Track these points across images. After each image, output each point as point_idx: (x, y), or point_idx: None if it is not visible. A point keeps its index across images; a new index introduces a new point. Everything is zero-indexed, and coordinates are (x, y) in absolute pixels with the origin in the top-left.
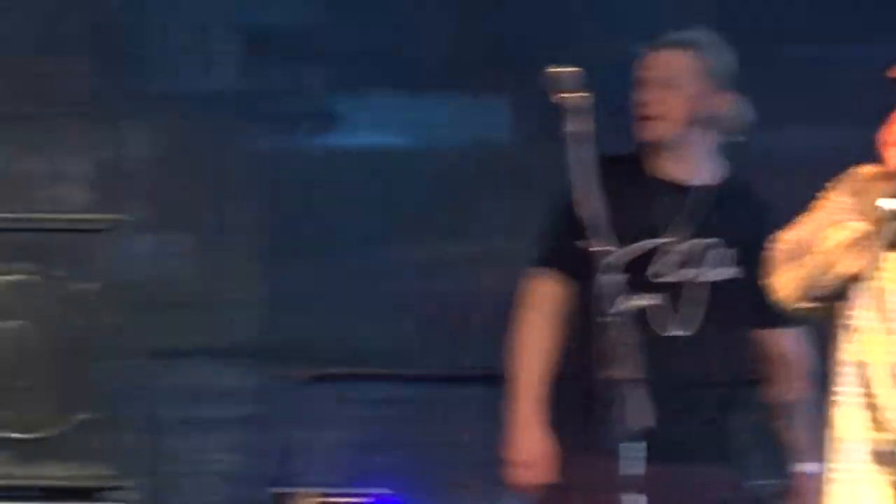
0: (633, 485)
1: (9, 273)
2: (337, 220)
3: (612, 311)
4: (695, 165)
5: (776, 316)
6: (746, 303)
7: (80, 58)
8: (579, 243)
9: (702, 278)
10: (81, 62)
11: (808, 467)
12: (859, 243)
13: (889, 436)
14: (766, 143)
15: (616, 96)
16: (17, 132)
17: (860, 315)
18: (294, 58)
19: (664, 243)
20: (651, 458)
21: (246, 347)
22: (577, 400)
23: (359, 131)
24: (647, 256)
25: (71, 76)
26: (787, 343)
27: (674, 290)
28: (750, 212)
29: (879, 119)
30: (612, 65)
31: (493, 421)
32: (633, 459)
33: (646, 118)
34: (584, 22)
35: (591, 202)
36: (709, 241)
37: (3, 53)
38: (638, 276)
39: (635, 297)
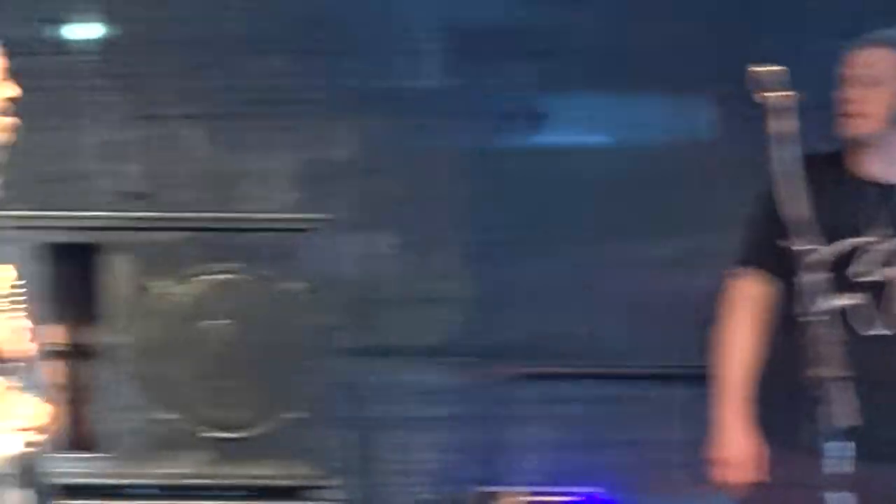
0: (840, 484)
1: (217, 273)
2: (544, 219)
3: (815, 310)
4: None
5: None
6: None
7: (286, 57)
8: (782, 242)
9: None
10: (288, 61)
11: None
12: None
13: None
14: None
15: (820, 94)
16: (227, 132)
17: None
18: (502, 56)
19: (866, 242)
20: (858, 457)
21: (452, 346)
22: (782, 399)
23: (565, 130)
24: (849, 255)
25: (278, 76)
26: None
27: (876, 290)
28: None
29: None
30: (817, 63)
31: (699, 420)
32: (839, 458)
33: (848, 116)
34: (790, 20)
35: (794, 201)
36: None
37: (215, 53)
38: (840, 275)
39: (837, 296)
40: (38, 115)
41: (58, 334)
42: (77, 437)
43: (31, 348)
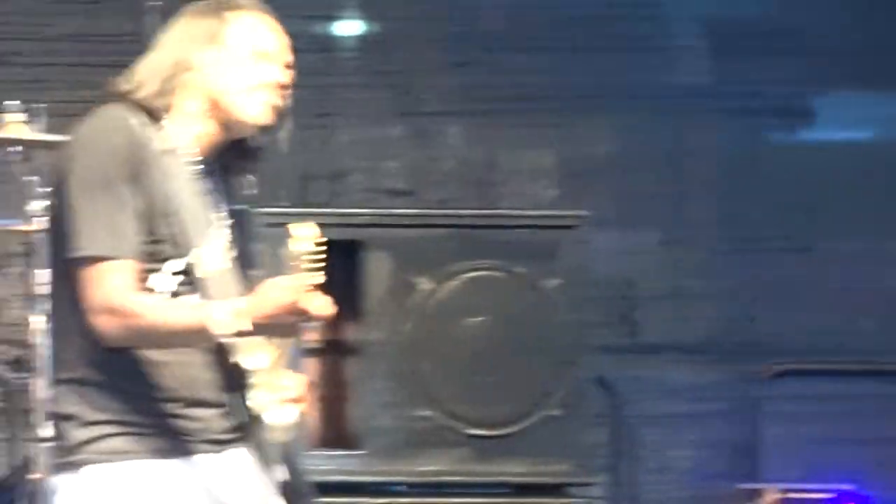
0: None
1: (476, 270)
2: (803, 216)
3: None
4: None
5: None
6: None
7: (546, 53)
8: None
9: None
10: (548, 58)
11: None
12: None
13: None
14: None
15: None
16: (487, 128)
17: None
18: (763, 53)
19: None
20: None
21: (710, 343)
22: None
23: (826, 127)
24: None
25: (539, 72)
26: None
27: None
28: None
29: None
30: None
31: None
32: None
33: None
34: None
35: None
36: None
37: (475, 50)
38: None
39: None
40: (299, 113)
41: (317, 331)
42: (334, 434)
43: (320, 313)
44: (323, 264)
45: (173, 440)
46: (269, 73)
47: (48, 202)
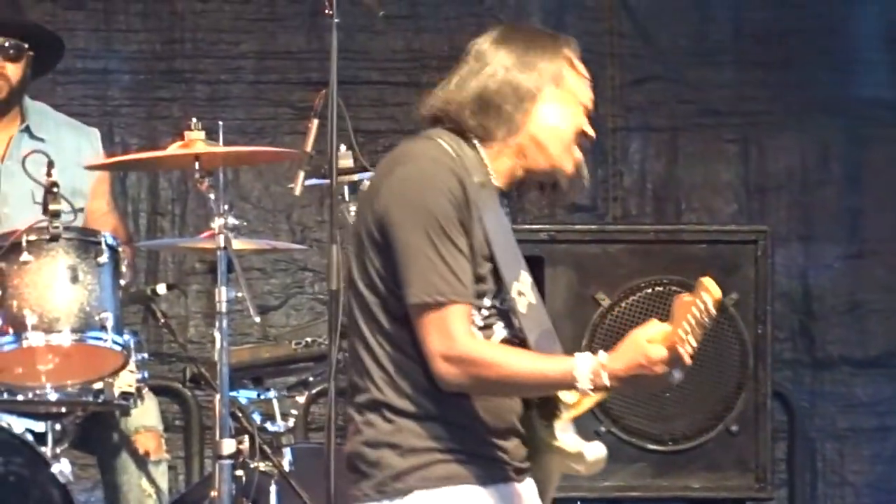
0: None
1: (654, 285)
2: None
3: None
4: None
5: None
6: None
7: (734, 68)
8: None
9: None
10: (736, 72)
11: None
12: None
13: None
14: None
15: None
16: (670, 143)
17: None
18: None
19: None
20: None
21: (890, 356)
22: None
23: None
24: None
25: (725, 86)
26: None
27: None
28: None
29: None
30: None
31: None
32: None
33: None
34: None
35: None
36: None
37: (661, 65)
38: None
39: None
40: None
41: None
42: None
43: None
44: (708, 328)
45: (491, 467)
46: (587, 126)
47: (360, 237)
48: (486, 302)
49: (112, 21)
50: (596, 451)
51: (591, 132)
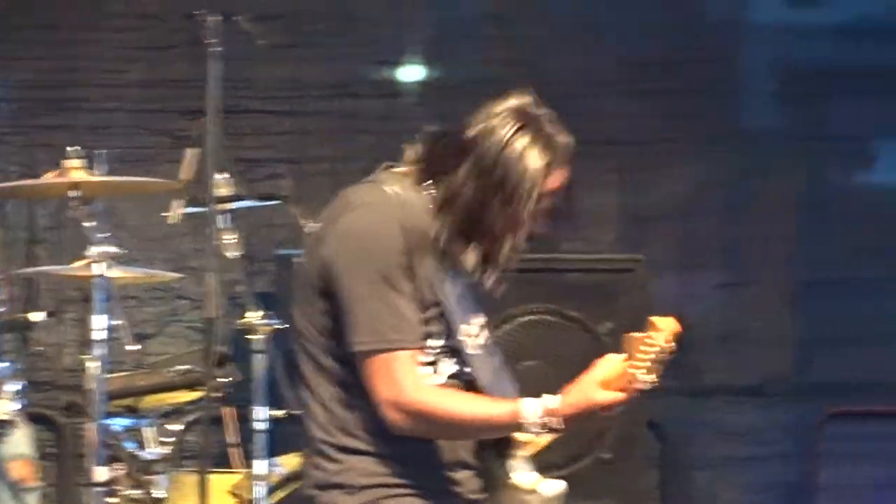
0: None
1: (529, 313)
2: (866, 258)
3: None
4: None
5: None
6: None
7: (618, 97)
8: None
9: None
10: (620, 102)
11: None
12: None
13: None
14: None
15: None
16: None
17: None
18: (833, 95)
19: None
20: None
21: (766, 385)
22: None
23: (892, 169)
24: None
25: (609, 116)
26: None
27: None
28: None
29: None
30: None
31: None
32: None
33: None
34: None
35: None
36: None
37: (547, 92)
38: None
39: None
40: (363, 157)
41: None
42: None
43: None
44: (665, 364)
45: (442, 500)
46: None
47: (305, 283)
48: (435, 342)
49: None
50: (552, 487)
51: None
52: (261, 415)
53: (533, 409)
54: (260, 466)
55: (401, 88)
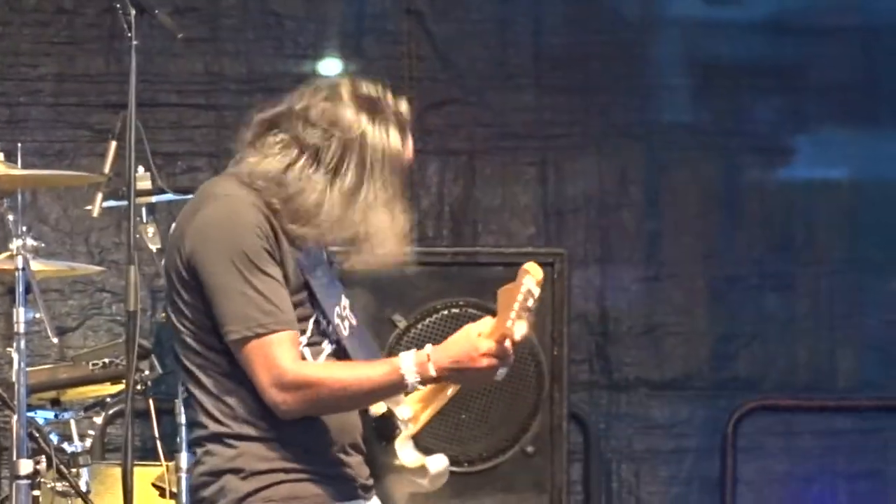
0: None
1: (449, 307)
2: (780, 253)
3: None
4: None
5: None
6: None
7: (535, 92)
8: None
9: None
10: (536, 97)
11: None
12: None
13: None
14: None
15: None
16: (468, 166)
17: None
18: (748, 91)
19: None
20: None
21: (686, 379)
22: None
23: (810, 164)
24: None
25: (526, 111)
26: None
27: None
28: None
29: None
30: None
31: None
32: None
33: None
34: None
35: None
36: None
37: (462, 88)
38: None
39: None
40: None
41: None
42: None
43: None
44: (533, 309)
45: (337, 485)
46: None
47: (171, 280)
48: (309, 325)
49: None
50: (438, 462)
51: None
52: (183, 407)
53: (410, 358)
54: (183, 459)
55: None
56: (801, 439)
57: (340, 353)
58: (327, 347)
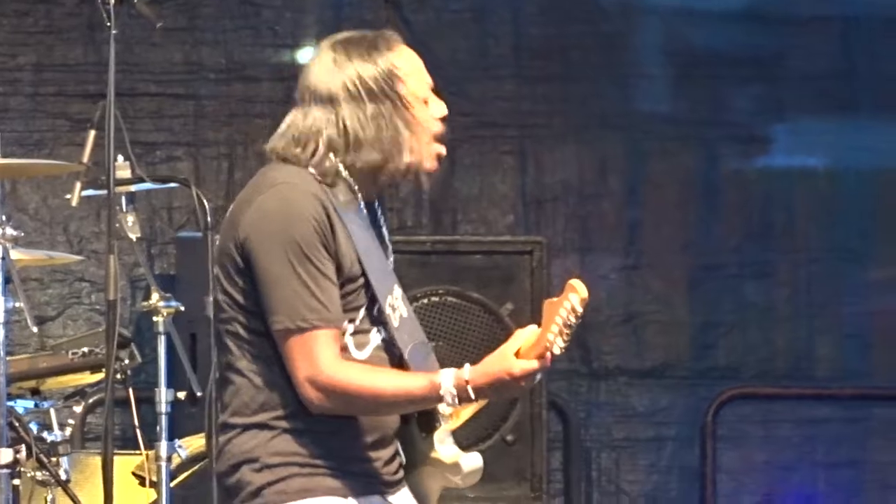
0: None
1: (430, 295)
2: (759, 241)
3: None
4: None
5: None
6: None
7: (514, 81)
8: None
9: None
10: (515, 86)
11: None
12: None
13: None
14: None
15: None
16: (446, 156)
17: None
18: (727, 81)
19: None
20: None
21: (666, 368)
22: None
23: (789, 153)
24: None
25: (506, 100)
26: None
27: None
28: None
29: None
30: None
31: None
32: None
33: None
34: None
35: None
36: None
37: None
38: None
39: None
40: (258, 141)
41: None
42: None
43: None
44: (574, 329)
45: (354, 480)
46: (437, 115)
47: (224, 265)
48: (361, 314)
49: None
50: (472, 461)
51: (442, 113)
52: (163, 396)
53: (449, 380)
54: (163, 448)
55: (297, 71)
56: (781, 428)
57: (388, 345)
58: (375, 338)
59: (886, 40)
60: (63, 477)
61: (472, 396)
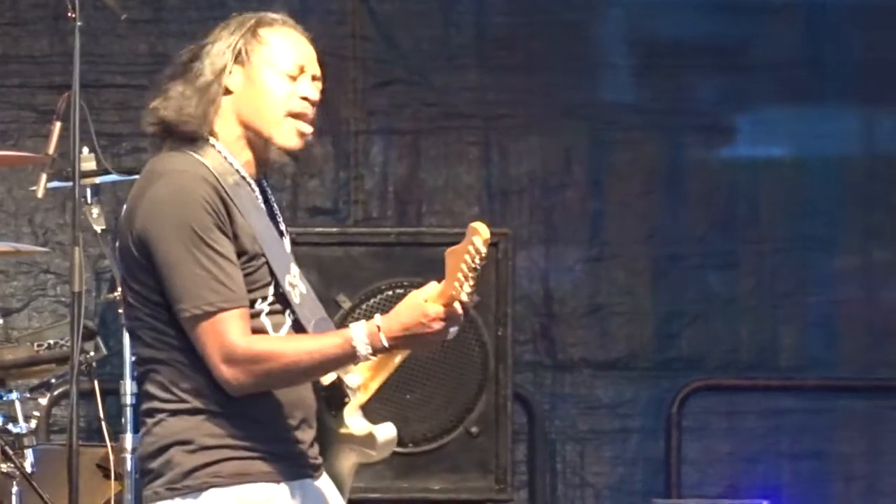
0: None
1: (395, 287)
2: (723, 232)
3: None
4: None
5: None
6: None
7: (478, 72)
8: None
9: None
10: (480, 76)
11: None
12: None
13: None
14: None
15: None
16: (413, 146)
17: None
18: (691, 70)
19: None
20: None
21: (630, 359)
22: None
23: (753, 143)
24: None
25: (470, 90)
26: None
27: None
28: None
29: None
30: None
31: (876, 434)
32: None
33: None
34: None
35: None
36: None
37: (405, 68)
38: None
39: None
40: None
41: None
42: None
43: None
44: (480, 270)
45: (286, 464)
46: (301, 93)
47: (124, 260)
48: (269, 292)
49: None
50: (386, 431)
51: (309, 95)
52: (128, 388)
53: (361, 329)
54: (128, 440)
55: None
56: (746, 419)
57: (297, 325)
58: (288, 320)
59: (852, 28)
60: (28, 469)
61: (386, 345)
